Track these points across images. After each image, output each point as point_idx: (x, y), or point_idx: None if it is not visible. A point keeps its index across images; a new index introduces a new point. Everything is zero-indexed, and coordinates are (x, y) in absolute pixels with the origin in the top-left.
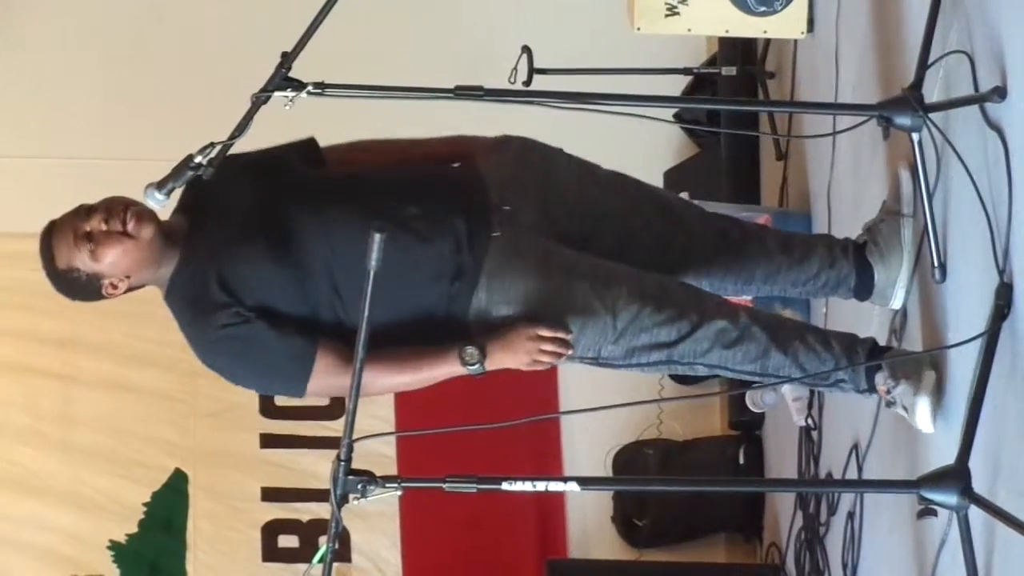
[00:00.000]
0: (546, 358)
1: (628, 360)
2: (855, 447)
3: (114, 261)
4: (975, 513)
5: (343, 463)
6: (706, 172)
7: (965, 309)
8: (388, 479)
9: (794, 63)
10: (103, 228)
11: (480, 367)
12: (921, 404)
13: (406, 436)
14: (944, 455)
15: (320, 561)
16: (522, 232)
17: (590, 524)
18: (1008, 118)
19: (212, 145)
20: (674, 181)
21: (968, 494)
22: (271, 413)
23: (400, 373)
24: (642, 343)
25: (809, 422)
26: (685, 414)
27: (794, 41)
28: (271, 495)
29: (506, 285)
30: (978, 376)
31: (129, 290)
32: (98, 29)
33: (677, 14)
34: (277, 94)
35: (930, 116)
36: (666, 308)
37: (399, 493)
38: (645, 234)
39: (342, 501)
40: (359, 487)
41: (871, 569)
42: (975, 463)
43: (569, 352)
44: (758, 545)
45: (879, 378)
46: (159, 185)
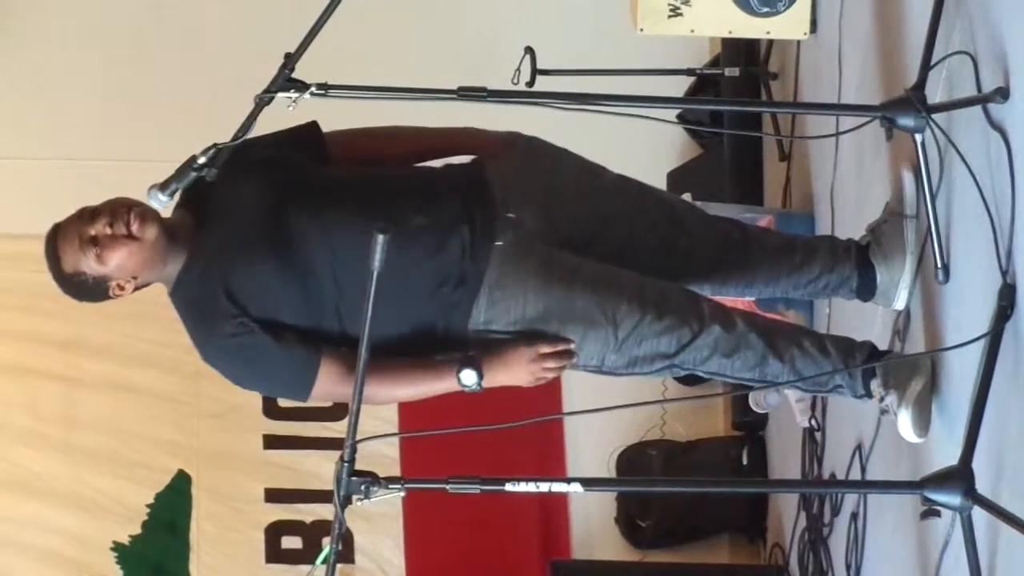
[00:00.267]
0: (551, 374)
1: (631, 369)
2: (858, 448)
3: (120, 264)
4: (978, 514)
5: (346, 464)
6: (709, 173)
7: (968, 310)
8: (391, 480)
9: (797, 64)
10: (108, 232)
11: (477, 386)
12: (903, 416)
13: (409, 437)
14: (947, 456)
15: (323, 562)
16: (524, 239)
17: (593, 525)
18: (1011, 119)
19: (215, 146)
20: (677, 182)
21: (971, 495)
22: (274, 414)
23: (399, 386)
24: (643, 353)
25: (812, 423)
26: (688, 415)
27: (797, 42)
28: (274, 496)
29: (507, 293)
30: (981, 377)
31: (136, 289)
32: (100, 30)
33: (680, 15)
34: (280, 95)
35: (933, 117)
36: (667, 317)
37: (402, 494)
38: (648, 237)
39: (345, 502)
40: (362, 488)
41: (874, 570)
42: (978, 464)
43: (573, 360)
44: (762, 546)
45: (874, 385)
46: (162, 186)
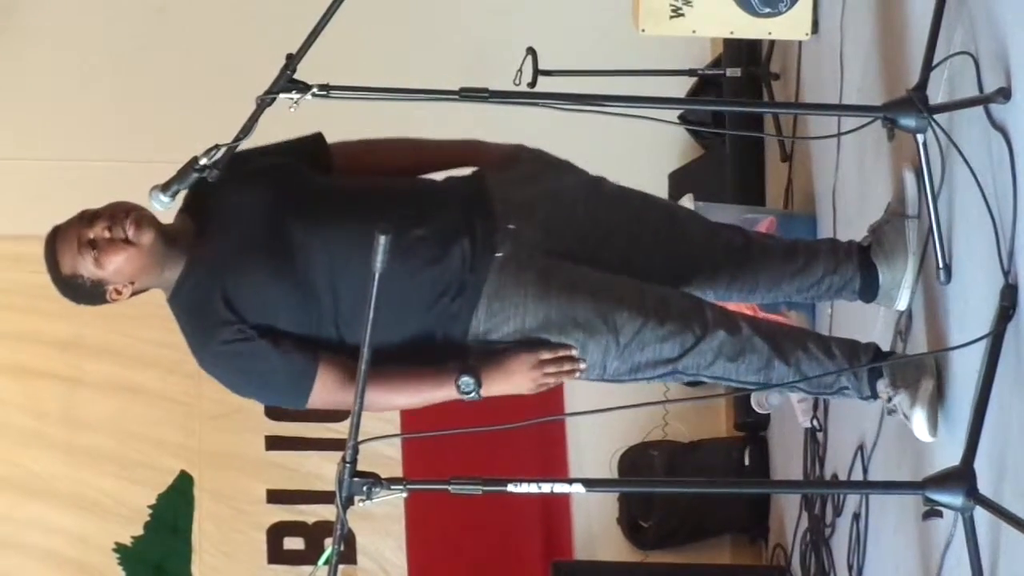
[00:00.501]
0: (552, 380)
1: (634, 375)
2: (860, 448)
3: (118, 268)
4: (980, 514)
5: (348, 465)
6: (711, 174)
7: (970, 310)
8: (393, 481)
9: (799, 65)
10: (106, 235)
11: (476, 395)
12: (917, 416)
13: (411, 438)
14: (949, 456)
15: (326, 563)
16: (525, 251)
17: (596, 526)
18: (1013, 119)
19: (217, 147)
20: (679, 183)
21: (973, 495)
22: (276, 415)
23: (397, 394)
24: (646, 359)
25: (814, 423)
26: (691, 416)
27: (799, 43)
28: (276, 497)
29: (506, 304)
30: (983, 377)
31: (134, 294)
32: (102, 31)
33: (682, 16)
34: (282, 96)
35: (934, 117)
36: (668, 322)
37: (404, 495)
38: (651, 245)
39: (347, 503)
40: (364, 489)
41: (876, 570)
42: (980, 464)
43: (581, 367)
44: (763, 546)
45: (880, 385)
46: (164, 187)
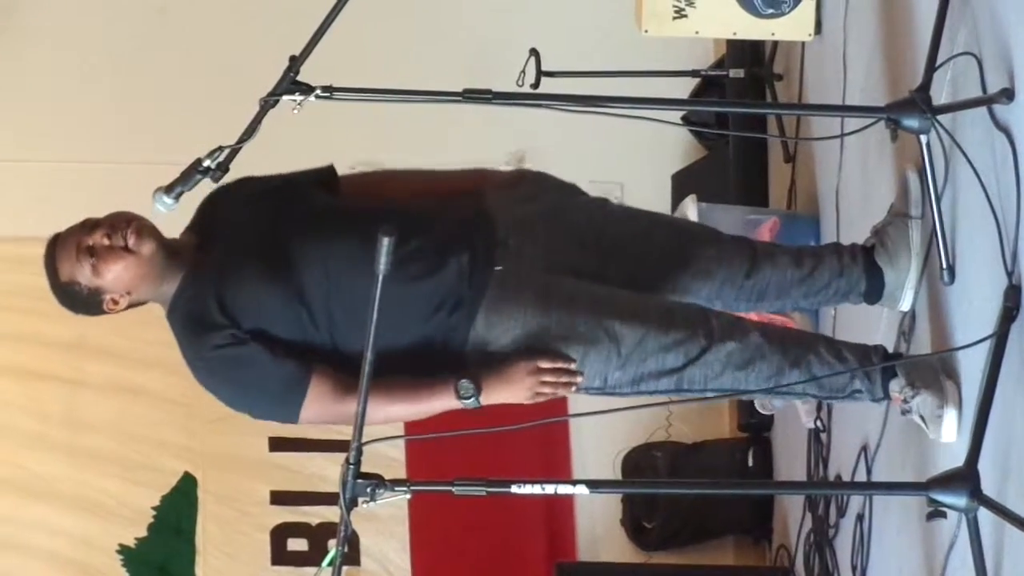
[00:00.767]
0: (548, 390)
1: (636, 387)
2: (864, 449)
3: (115, 276)
4: (984, 515)
5: (352, 466)
6: (714, 175)
7: (974, 311)
8: (397, 483)
9: (802, 65)
10: (105, 243)
11: (475, 401)
12: (949, 417)
13: (415, 439)
14: (953, 457)
15: (329, 564)
16: (525, 266)
17: (599, 527)
18: (1016, 120)
19: (221, 149)
20: (682, 184)
21: (977, 496)
22: None
23: (395, 404)
24: (649, 369)
25: (818, 424)
26: (694, 416)
27: (802, 43)
28: (280, 498)
29: (504, 317)
30: (987, 378)
31: (130, 306)
32: (103, 32)
33: (685, 17)
34: (285, 98)
35: (938, 118)
36: (673, 331)
37: (408, 497)
38: (658, 261)
39: (351, 504)
40: (368, 491)
41: (880, 571)
42: (984, 465)
43: (578, 380)
44: (767, 547)
45: (894, 385)
46: (168, 189)
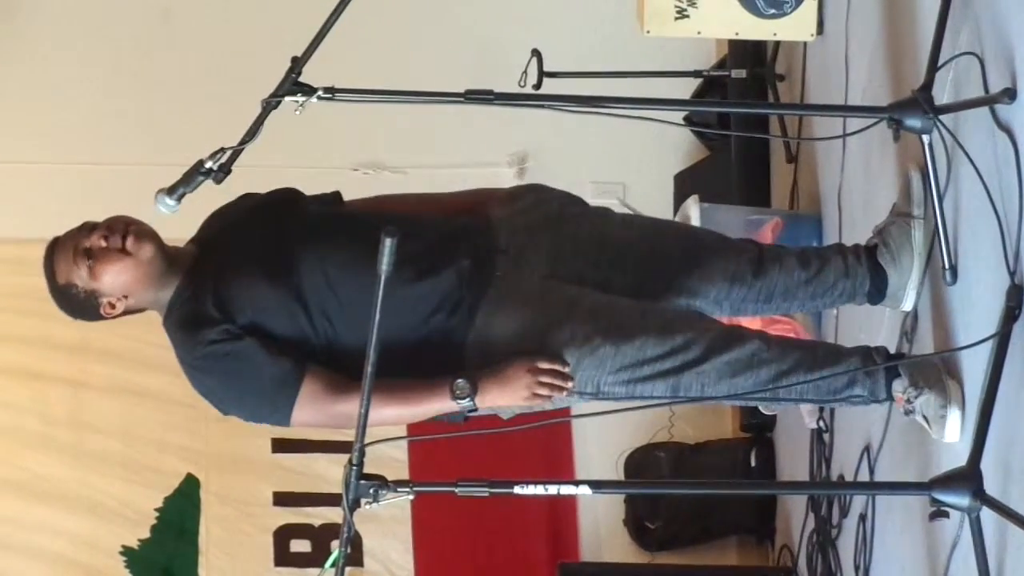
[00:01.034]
0: (544, 391)
1: (631, 393)
2: (867, 449)
3: (112, 279)
4: (987, 515)
5: (355, 467)
6: (716, 175)
7: (976, 311)
8: (400, 483)
9: (804, 65)
10: (102, 245)
11: (470, 401)
12: (952, 417)
13: (418, 440)
14: (956, 457)
15: (332, 566)
16: (525, 272)
17: (602, 527)
18: (1018, 119)
19: (223, 150)
20: (684, 184)
21: (980, 496)
22: None
23: (390, 405)
24: (644, 373)
25: (820, 424)
26: (697, 417)
27: (804, 43)
28: (283, 499)
29: (503, 320)
30: (989, 378)
31: (127, 312)
32: (106, 35)
33: (687, 17)
34: (288, 99)
35: (940, 118)
36: (670, 340)
37: (411, 497)
38: (663, 262)
39: (354, 505)
40: (371, 491)
41: (883, 571)
42: (987, 465)
43: (569, 385)
44: (770, 547)
45: (897, 385)
46: (170, 191)
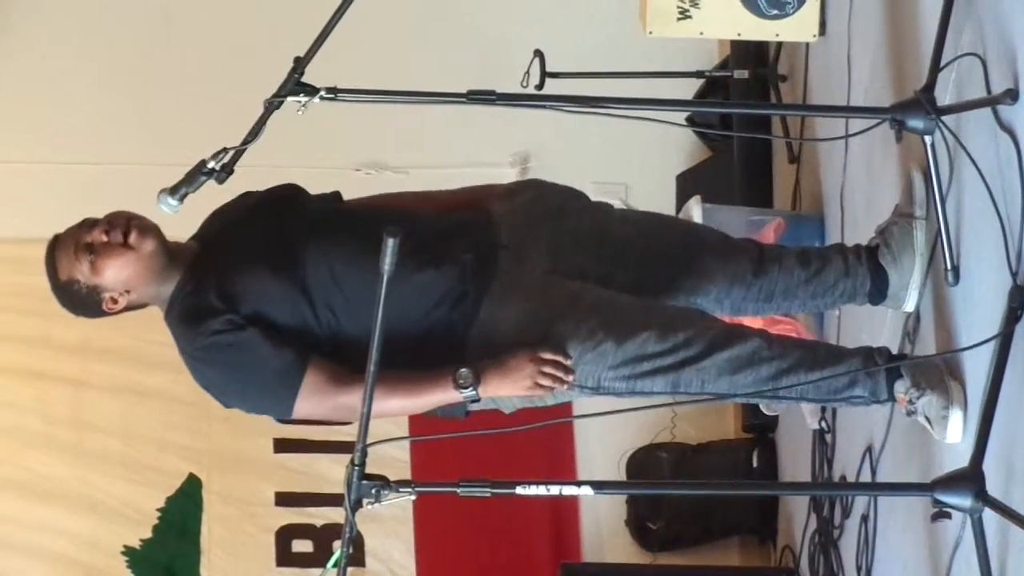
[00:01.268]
0: (547, 381)
1: (631, 388)
2: (869, 450)
3: (114, 273)
4: (989, 516)
5: (357, 467)
6: (719, 175)
7: (978, 311)
8: (402, 484)
9: (806, 66)
10: (104, 240)
11: (473, 391)
12: (954, 417)
13: (420, 441)
14: (958, 457)
15: (334, 566)
16: (527, 266)
17: (604, 528)
18: (1021, 120)
19: (225, 150)
20: (687, 185)
21: (982, 497)
22: None
23: (393, 397)
24: (644, 369)
25: (823, 425)
26: (698, 417)
27: (806, 44)
28: (285, 500)
29: (506, 315)
30: (991, 379)
31: (129, 307)
32: (108, 35)
33: (689, 17)
34: (290, 99)
35: (942, 119)
36: (671, 337)
37: (413, 498)
38: (664, 260)
39: (356, 506)
40: (373, 492)
41: (885, 572)
42: (989, 466)
43: (570, 378)
44: (772, 548)
45: (899, 386)
46: (172, 191)
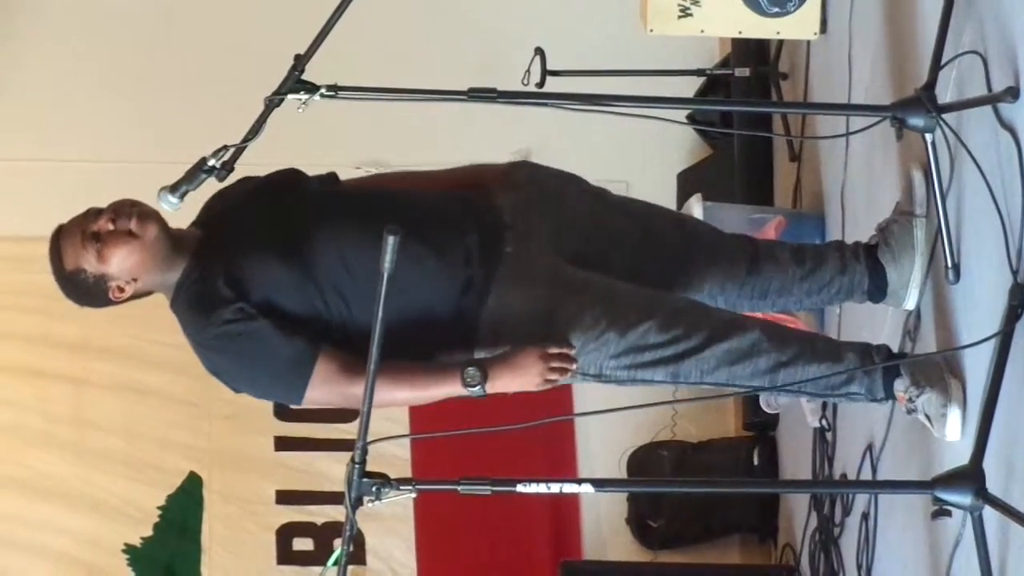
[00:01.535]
0: (555, 375)
1: (632, 377)
2: (869, 448)
3: (121, 262)
4: (989, 513)
5: (357, 465)
6: (719, 173)
7: (979, 310)
8: (402, 481)
9: (807, 64)
10: (110, 228)
11: (480, 389)
12: (953, 415)
13: (420, 438)
14: (958, 455)
15: (335, 564)
16: (533, 249)
17: (605, 526)
18: (1021, 118)
19: (226, 148)
20: (687, 182)
21: (982, 494)
22: (285, 416)
23: (402, 389)
24: (646, 359)
25: (823, 423)
26: (699, 415)
27: (807, 42)
28: (286, 498)
29: (514, 301)
30: (992, 377)
31: (135, 295)
32: (109, 33)
33: (690, 15)
34: (290, 97)
35: (943, 117)
36: (673, 327)
37: (413, 495)
38: (660, 252)
39: (357, 504)
40: (373, 490)
41: (885, 570)
42: (989, 463)
43: (574, 367)
44: (772, 546)
45: (899, 385)
46: (172, 188)
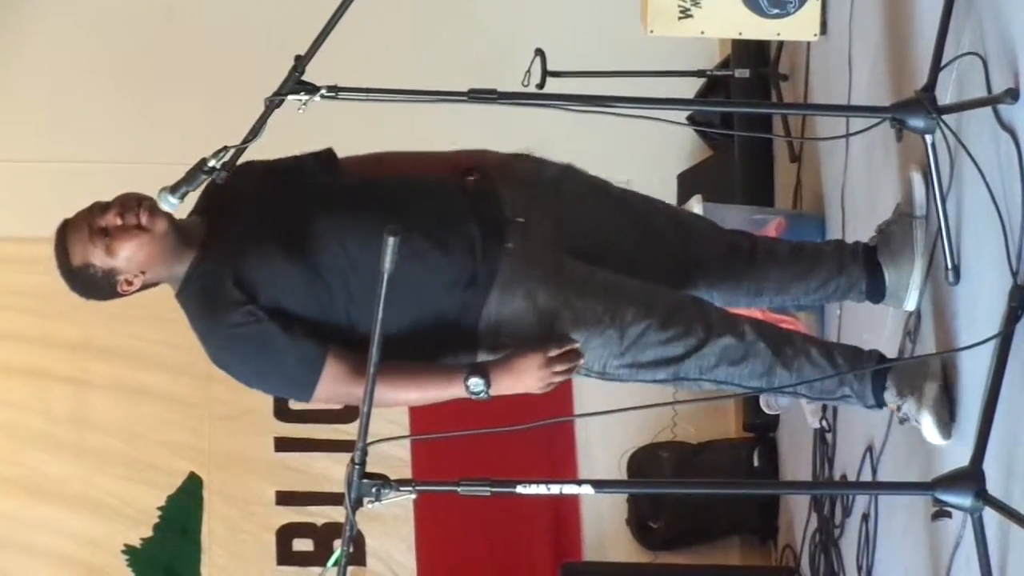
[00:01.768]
0: (559, 379)
1: (634, 375)
2: (869, 449)
3: (129, 255)
4: (989, 515)
5: (357, 466)
6: (720, 174)
7: (979, 311)
8: (402, 483)
9: (807, 65)
10: (118, 222)
11: (485, 395)
12: (925, 420)
13: (421, 439)
14: (958, 457)
15: (335, 564)
16: (535, 244)
17: (605, 527)
18: (1021, 120)
19: (226, 149)
20: (688, 184)
21: (982, 496)
22: (285, 416)
23: (406, 390)
24: (648, 359)
25: (823, 424)
26: (699, 416)
27: (807, 43)
28: (285, 499)
29: (517, 296)
30: (992, 378)
31: (143, 287)
32: (109, 33)
33: (690, 16)
34: (291, 97)
35: (943, 118)
36: (673, 325)
37: (413, 496)
38: (657, 247)
39: (356, 504)
40: (373, 491)
41: (886, 571)
42: (989, 465)
43: (580, 361)
44: (773, 547)
45: (888, 396)
46: (172, 189)
